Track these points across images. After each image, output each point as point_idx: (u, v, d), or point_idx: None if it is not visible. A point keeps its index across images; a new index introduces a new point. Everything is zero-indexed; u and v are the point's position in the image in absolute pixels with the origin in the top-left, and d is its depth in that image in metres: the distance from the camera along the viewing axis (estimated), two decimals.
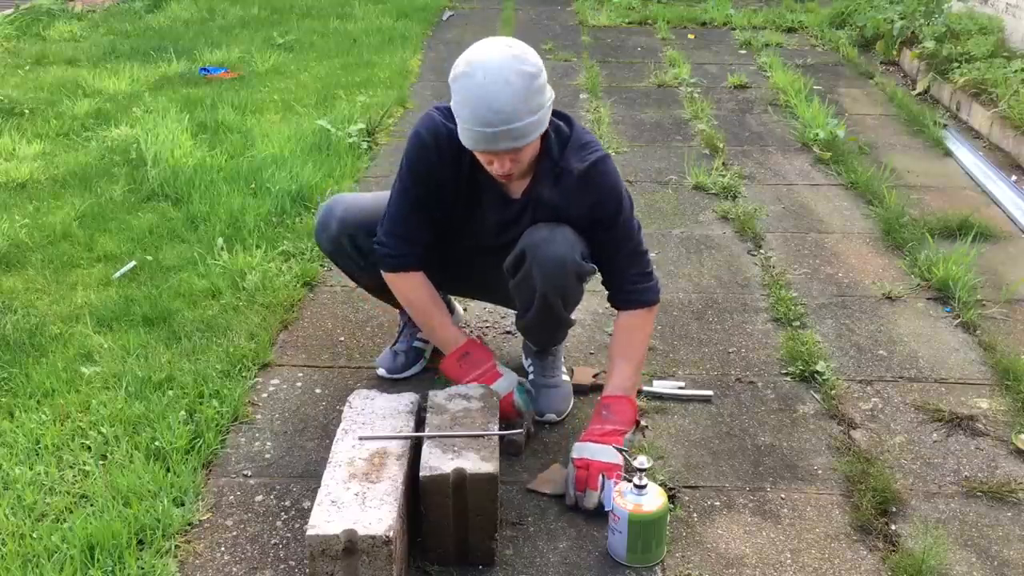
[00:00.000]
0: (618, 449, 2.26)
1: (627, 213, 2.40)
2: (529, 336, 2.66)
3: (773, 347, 3.02)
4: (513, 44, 2.16)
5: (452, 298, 2.99)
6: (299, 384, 2.80)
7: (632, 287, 2.44)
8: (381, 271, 2.48)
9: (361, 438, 2.14)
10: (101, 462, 2.40)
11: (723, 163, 4.54)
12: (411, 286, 2.49)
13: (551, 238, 2.32)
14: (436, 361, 2.87)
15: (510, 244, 2.40)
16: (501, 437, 2.20)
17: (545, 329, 2.58)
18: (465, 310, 3.11)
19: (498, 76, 2.09)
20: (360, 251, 2.54)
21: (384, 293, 2.61)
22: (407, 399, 2.30)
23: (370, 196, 2.66)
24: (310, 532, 1.88)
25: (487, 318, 3.15)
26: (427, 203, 2.40)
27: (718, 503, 2.34)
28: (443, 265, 2.57)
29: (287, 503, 2.31)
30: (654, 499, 2.10)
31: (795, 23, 7.58)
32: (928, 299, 3.34)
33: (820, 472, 2.46)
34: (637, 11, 7.96)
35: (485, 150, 2.19)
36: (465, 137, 2.19)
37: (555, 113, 2.35)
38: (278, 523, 2.24)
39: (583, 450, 2.28)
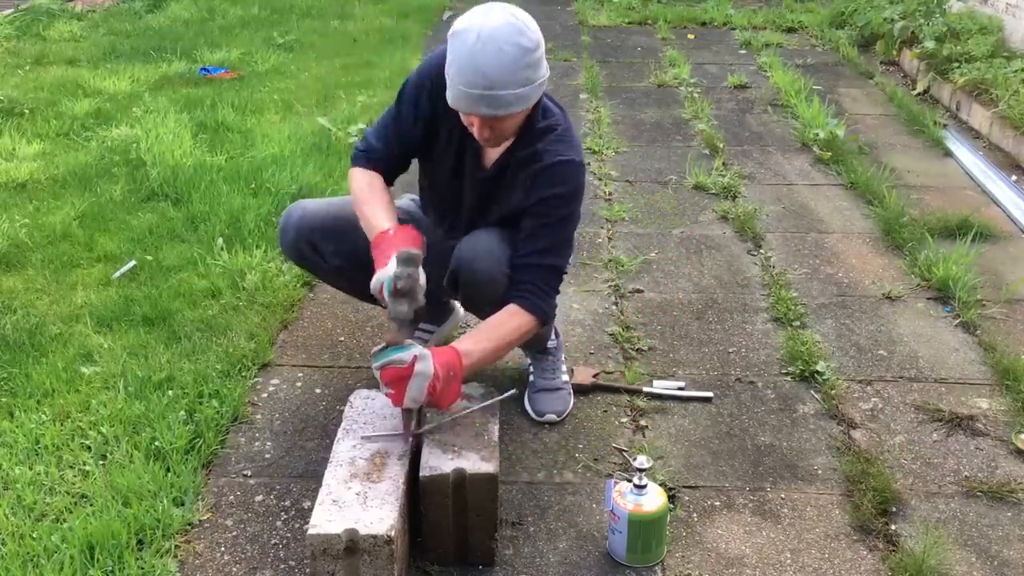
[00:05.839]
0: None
1: (569, 219, 2.35)
2: None
3: (773, 347, 3.02)
4: (517, 14, 2.14)
5: (451, 299, 2.99)
6: (299, 384, 2.80)
7: (533, 278, 2.33)
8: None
9: (364, 437, 2.14)
10: (101, 462, 2.40)
11: (723, 163, 4.54)
12: (363, 178, 2.44)
13: (475, 256, 2.33)
14: None
15: (471, 221, 2.41)
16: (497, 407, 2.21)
17: None
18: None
19: (491, 42, 2.08)
20: (321, 255, 2.54)
21: (364, 296, 2.54)
22: None
23: (332, 200, 2.65)
24: (311, 531, 1.88)
25: None
26: (406, 124, 2.40)
27: (718, 503, 2.34)
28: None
29: (287, 503, 2.31)
30: (654, 499, 2.10)
31: (795, 23, 7.58)
32: (928, 299, 3.34)
33: (820, 472, 2.46)
34: (637, 11, 7.96)
35: (463, 110, 2.20)
36: (449, 94, 2.19)
37: (556, 103, 2.38)
38: (278, 523, 2.24)
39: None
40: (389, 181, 2.49)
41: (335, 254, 2.53)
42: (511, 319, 2.31)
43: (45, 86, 5.63)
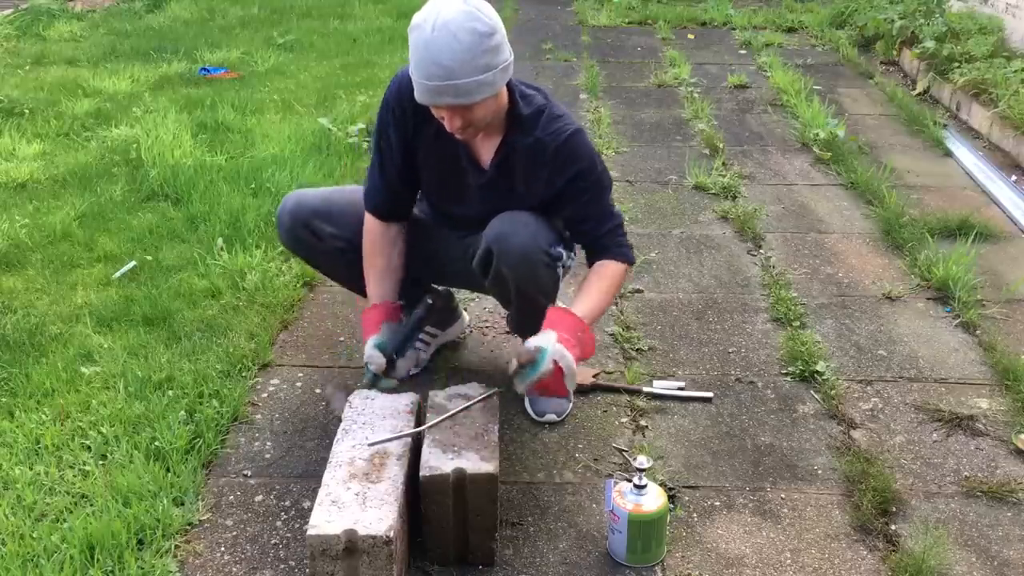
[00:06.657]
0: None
1: (603, 180, 2.43)
2: (522, 332, 2.65)
3: (773, 347, 3.02)
4: (472, 1, 2.12)
5: (459, 305, 3.00)
6: (299, 384, 2.80)
7: (608, 241, 2.44)
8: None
9: (371, 444, 2.13)
10: (101, 462, 2.40)
11: (723, 163, 4.54)
12: (368, 234, 2.50)
13: (512, 231, 2.33)
14: (436, 361, 2.89)
15: (486, 220, 2.41)
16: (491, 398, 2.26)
17: (532, 321, 2.56)
18: (466, 309, 3.11)
19: (445, 31, 2.07)
20: (317, 235, 2.54)
21: (352, 282, 2.63)
22: (407, 399, 2.30)
23: (325, 188, 2.70)
24: (311, 532, 1.88)
25: (487, 318, 3.15)
26: (391, 154, 2.43)
27: (718, 503, 2.34)
28: (428, 243, 2.59)
29: (287, 503, 2.31)
30: (654, 499, 2.09)
31: (795, 23, 7.59)
32: (928, 299, 3.34)
33: (820, 472, 2.46)
34: (637, 11, 7.97)
35: (429, 104, 2.19)
36: (415, 89, 2.18)
37: (530, 86, 2.39)
38: (278, 523, 2.24)
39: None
40: (403, 215, 2.53)
41: (333, 236, 2.54)
42: (606, 270, 2.41)
43: (45, 86, 5.63)
